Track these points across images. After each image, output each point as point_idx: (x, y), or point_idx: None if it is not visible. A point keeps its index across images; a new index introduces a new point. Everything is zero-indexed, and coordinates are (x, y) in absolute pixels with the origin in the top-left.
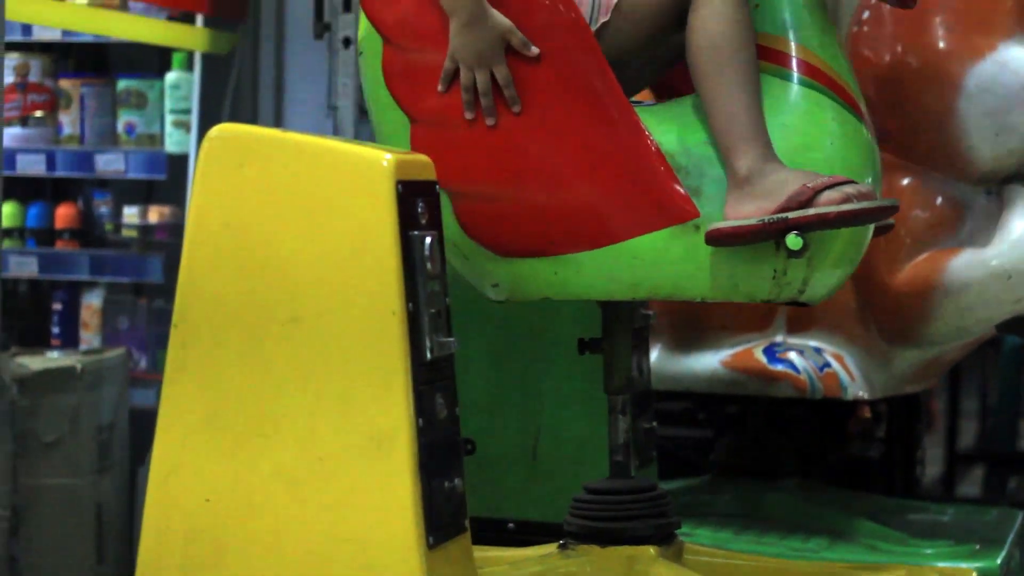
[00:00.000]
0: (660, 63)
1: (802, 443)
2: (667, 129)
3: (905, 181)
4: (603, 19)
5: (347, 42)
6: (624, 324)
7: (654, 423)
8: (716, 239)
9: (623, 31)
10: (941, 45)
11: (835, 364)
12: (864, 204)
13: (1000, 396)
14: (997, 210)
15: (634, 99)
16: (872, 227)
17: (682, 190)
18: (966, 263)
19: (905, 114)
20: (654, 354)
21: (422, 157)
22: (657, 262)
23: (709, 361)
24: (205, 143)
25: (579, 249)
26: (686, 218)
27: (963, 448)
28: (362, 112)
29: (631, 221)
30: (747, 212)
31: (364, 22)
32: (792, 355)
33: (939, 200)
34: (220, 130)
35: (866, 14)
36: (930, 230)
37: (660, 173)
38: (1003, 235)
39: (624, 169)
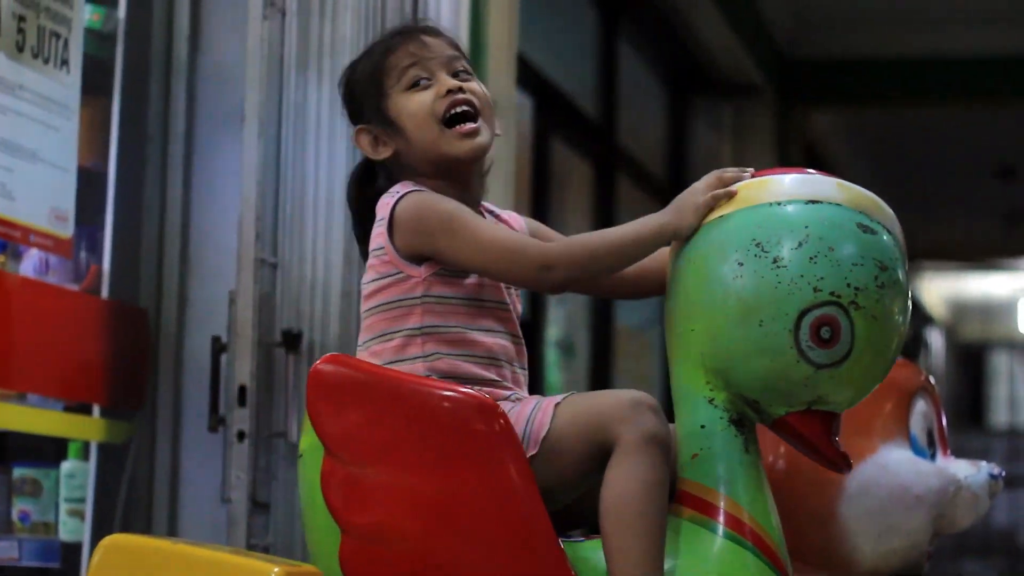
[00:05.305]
0: (590, 502)
1: None
2: (591, 566)
3: None
4: (531, 451)
5: (241, 435)
6: None
7: None
8: None
9: (548, 468)
10: None
11: None
12: None
13: None
14: None
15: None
16: None
17: None
18: None
19: (789, 516)
20: None
21: (310, 568)
22: None
23: None
24: (96, 553)
25: None
26: None
27: None
28: (255, 504)
29: None
30: None
31: (309, 429)
32: None
33: None
34: (112, 540)
35: None
36: None
37: None
38: None
39: None
